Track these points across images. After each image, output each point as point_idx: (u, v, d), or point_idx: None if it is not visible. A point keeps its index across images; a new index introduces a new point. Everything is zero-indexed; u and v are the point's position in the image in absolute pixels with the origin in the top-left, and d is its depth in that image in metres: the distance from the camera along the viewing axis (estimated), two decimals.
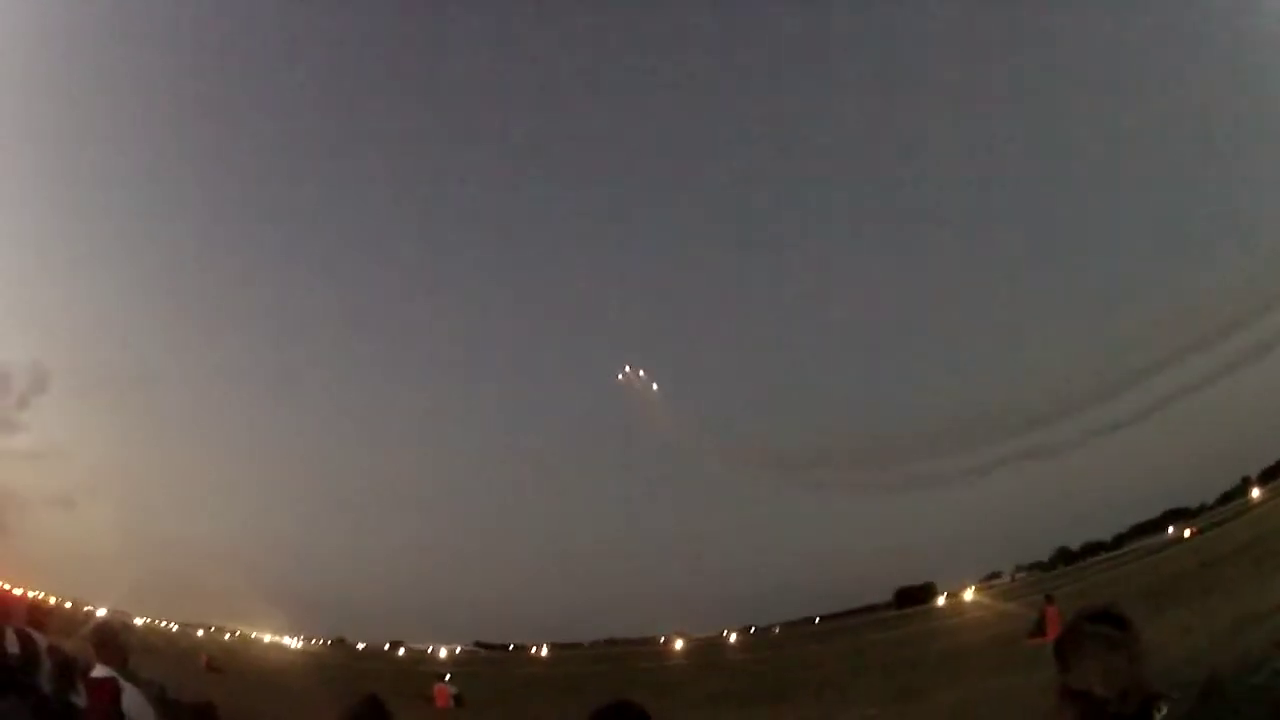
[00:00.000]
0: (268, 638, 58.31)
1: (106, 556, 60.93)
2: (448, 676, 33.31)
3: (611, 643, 64.27)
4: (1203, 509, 44.65)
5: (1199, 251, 59.05)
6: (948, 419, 64.92)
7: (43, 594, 40.02)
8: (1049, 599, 25.47)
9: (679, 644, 58.45)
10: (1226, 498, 43.23)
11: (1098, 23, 54.82)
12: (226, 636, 57.26)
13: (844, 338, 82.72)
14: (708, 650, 57.20)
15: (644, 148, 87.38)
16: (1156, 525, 46.70)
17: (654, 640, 60.54)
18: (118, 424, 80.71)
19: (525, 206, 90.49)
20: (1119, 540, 48.32)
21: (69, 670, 8.94)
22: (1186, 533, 42.77)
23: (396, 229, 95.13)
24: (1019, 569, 53.41)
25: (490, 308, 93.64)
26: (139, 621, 48.49)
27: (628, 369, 54.16)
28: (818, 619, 60.54)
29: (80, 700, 8.08)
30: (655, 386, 53.89)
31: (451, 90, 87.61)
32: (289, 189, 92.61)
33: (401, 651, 60.72)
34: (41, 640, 9.54)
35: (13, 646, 9.23)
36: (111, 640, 7.04)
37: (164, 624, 54.16)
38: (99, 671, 6.86)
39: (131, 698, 6.70)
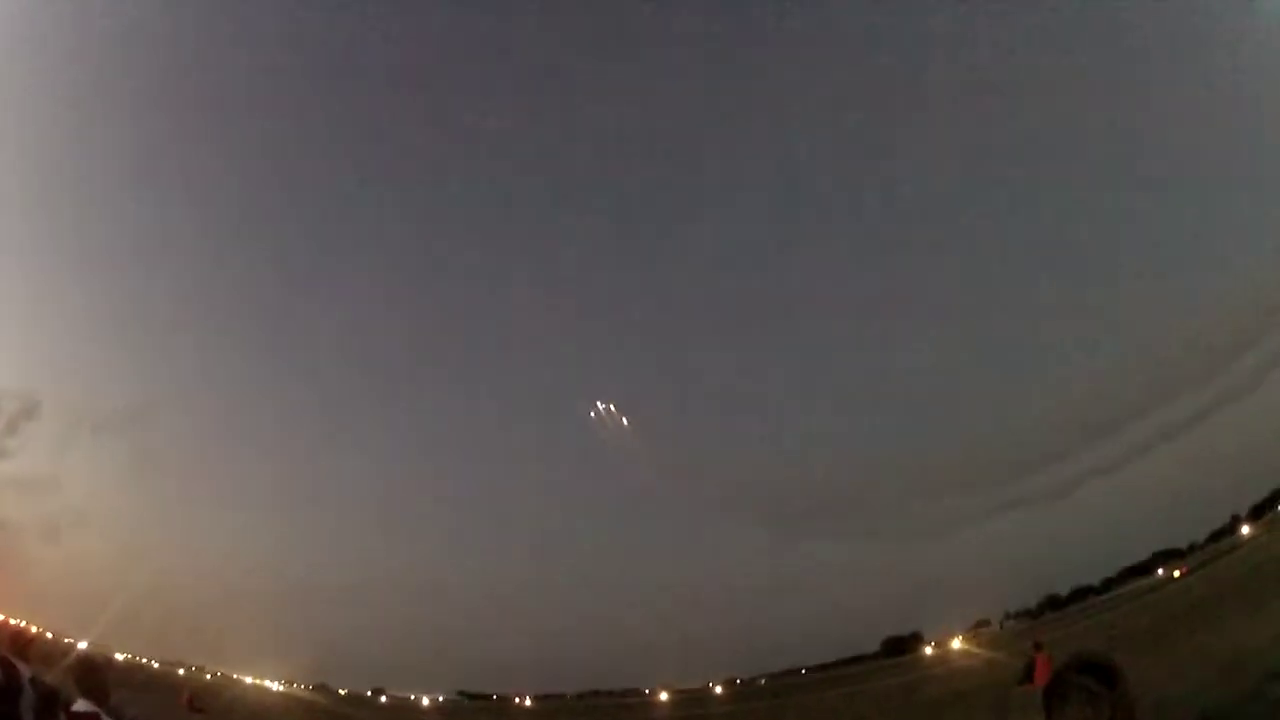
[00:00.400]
0: (250, 679, 57.35)
1: (91, 589, 60.82)
2: None
3: (596, 694, 62.94)
4: (1193, 548, 44.26)
5: (1178, 294, 59.67)
6: (932, 467, 64.30)
7: (25, 623, 40.76)
8: (1037, 646, 24.98)
9: (664, 695, 57.22)
10: (1216, 535, 42.93)
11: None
12: (209, 676, 56.13)
13: (828, 386, 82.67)
14: (693, 702, 56.45)
15: (634, 198, 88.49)
16: (1146, 567, 46.16)
17: (639, 692, 59.16)
18: (107, 457, 78.76)
19: (520, 270, 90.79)
20: (1108, 584, 47.68)
21: (51, 703, 8.83)
22: (1176, 573, 42.29)
23: (397, 275, 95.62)
24: (1007, 616, 52.24)
25: (476, 355, 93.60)
26: (121, 657, 47.86)
27: (602, 406, 53.72)
28: (804, 670, 58.84)
29: None
30: (627, 423, 53.12)
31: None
32: (290, 228, 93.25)
33: (384, 699, 59.71)
34: (25, 670, 9.24)
35: None
36: (94, 675, 7.11)
37: (147, 661, 53.35)
38: (81, 706, 6.86)
39: None
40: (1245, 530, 40.86)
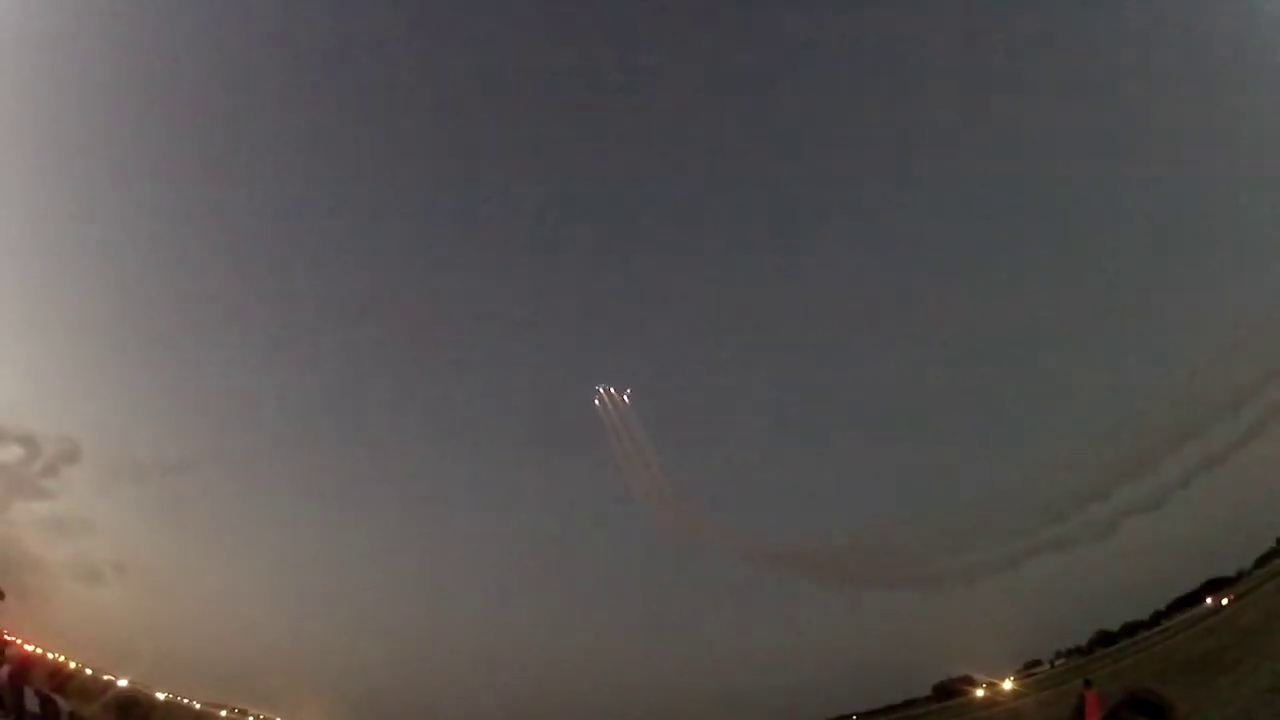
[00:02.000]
0: None
1: (130, 630, 63.16)
2: None
3: None
4: (1240, 575, 43.54)
5: (1207, 325, 59.48)
6: (977, 513, 64.01)
7: (64, 658, 40.92)
8: (1087, 684, 24.62)
9: None
10: (1262, 561, 42.16)
11: None
12: (249, 718, 57.93)
13: (872, 437, 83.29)
14: None
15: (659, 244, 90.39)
16: (1195, 597, 45.31)
17: None
18: (148, 505, 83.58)
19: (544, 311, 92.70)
20: (1157, 617, 46.77)
21: None
22: (1224, 601, 41.36)
23: (448, 351, 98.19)
24: (1058, 655, 51.66)
25: (510, 415, 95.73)
26: (161, 696, 49.33)
27: (602, 390, 53.52)
28: (854, 717, 58.70)
29: None
30: (627, 402, 52.76)
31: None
32: (336, 300, 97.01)
33: None
34: (63, 704, 9.82)
35: (33, 705, 9.32)
36: (133, 711, 7.08)
37: (186, 700, 54.83)
38: None
39: None
40: None
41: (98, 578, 70.51)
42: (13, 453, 66.57)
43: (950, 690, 54.34)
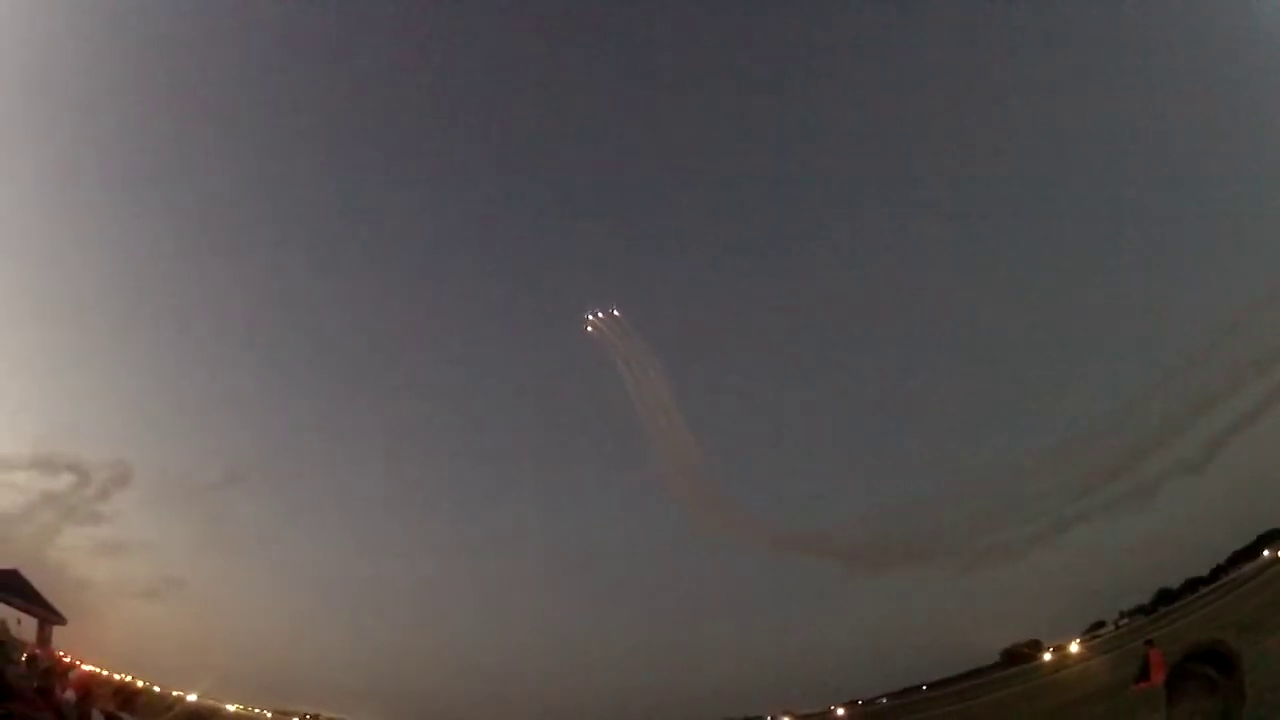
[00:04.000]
0: None
1: (195, 644, 64.65)
2: None
3: None
4: None
5: (1242, 278, 58.99)
6: (1021, 484, 64.75)
7: (130, 677, 43.00)
8: (1149, 643, 25.38)
9: None
10: None
11: None
12: None
13: (920, 413, 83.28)
14: None
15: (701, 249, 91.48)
16: (1252, 550, 45.59)
17: (761, 719, 60.93)
18: (200, 521, 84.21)
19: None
20: (1216, 572, 47.23)
21: None
22: None
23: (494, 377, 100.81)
24: (1122, 615, 52.26)
25: (554, 426, 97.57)
26: (231, 708, 52.17)
27: (591, 316, 54.15)
28: (924, 686, 60.02)
29: None
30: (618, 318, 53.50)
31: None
32: (382, 323, 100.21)
33: None
34: None
35: None
36: None
37: (258, 710, 57.01)
38: None
39: None
40: None
41: (156, 595, 71.69)
42: (63, 480, 67.55)
43: (1018, 655, 55.37)
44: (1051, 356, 71.32)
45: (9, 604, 37.63)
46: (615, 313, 53.66)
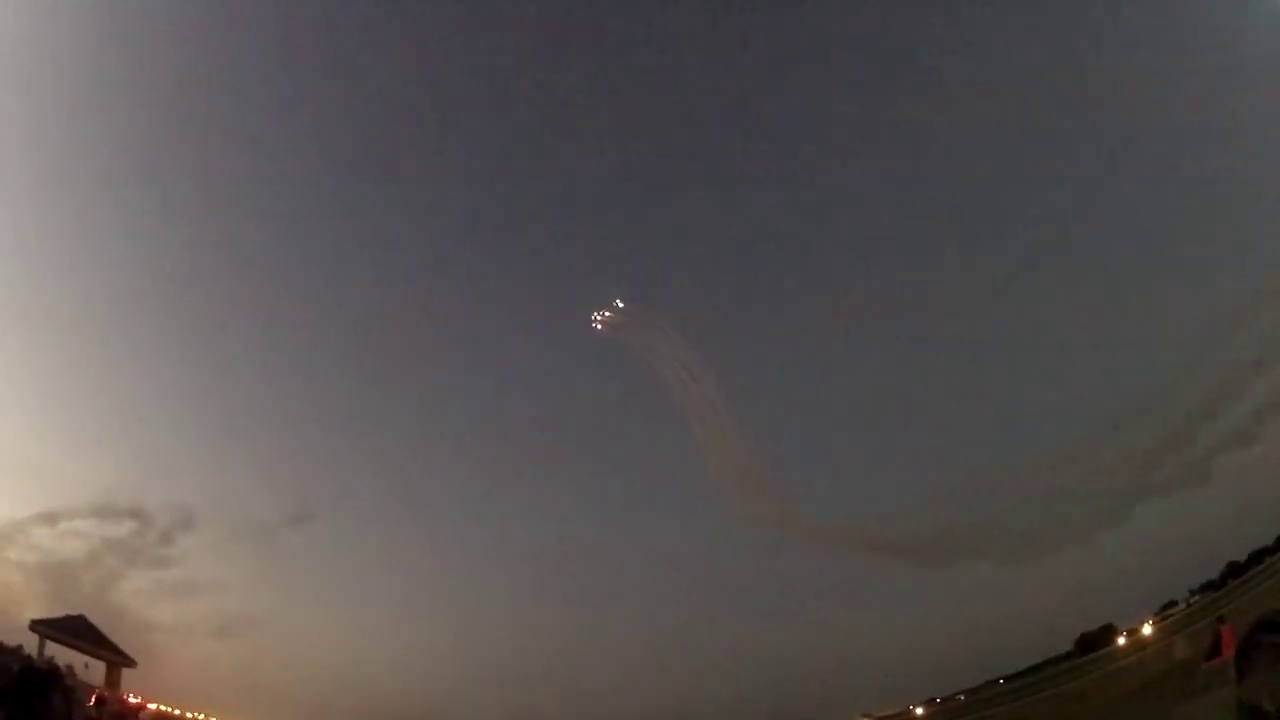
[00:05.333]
0: None
1: (266, 680, 67.83)
2: None
3: None
4: None
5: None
6: (1086, 468, 64.70)
7: (202, 716, 46.39)
8: (1220, 619, 25.52)
9: None
10: None
11: None
12: None
13: (965, 407, 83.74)
14: None
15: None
16: None
17: None
18: (267, 560, 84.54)
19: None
20: None
21: None
22: None
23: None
24: (1192, 593, 52.26)
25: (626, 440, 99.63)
26: None
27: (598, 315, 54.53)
28: (1001, 680, 60.15)
29: None
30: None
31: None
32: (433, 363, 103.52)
33: None
34: None
35: None
36: None
37: None
38: None
39: None
40: None
41: (226, 633, 73.99)
42: (125, 526, 70.12)
43: (1092, 642, 55.56)
44: (1087, 343, 71.41)
45: (76, 648, 38.91)
46: (619, 303, 54.48)
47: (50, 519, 65.40)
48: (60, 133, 79.51)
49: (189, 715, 46.01)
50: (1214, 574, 51.56)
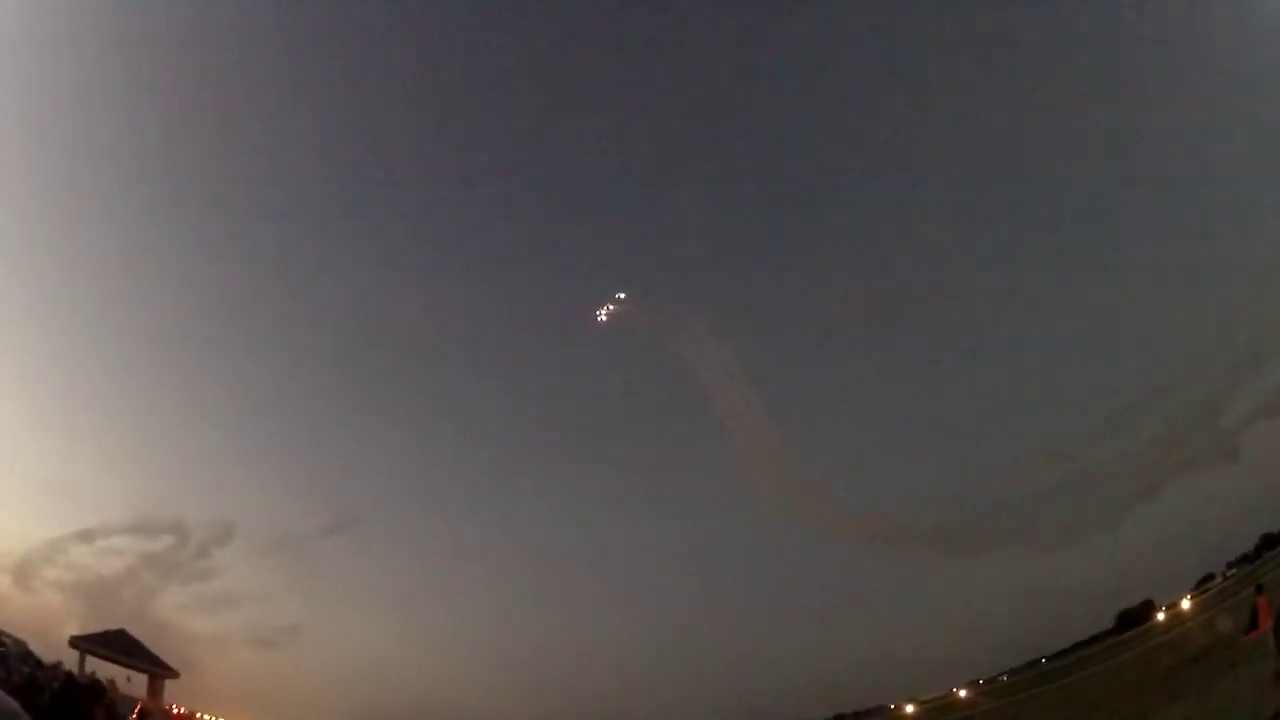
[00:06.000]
0: None
1: (312, 688, 67.70)
2: None
3: (840, 718, 66.73)
4: None
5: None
6: (1111, 449, 65.10)
7: None
8: (1259, 589, 26.11)
9: (910, 708, 60.09)
10: None
11: None
12: None
13: (986, 393, 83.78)
14: (939, 710, 58.49)
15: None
16: None
17: (884, 709, 63.18)
18: (307, 570, 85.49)
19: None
20: None
21: None
22: None
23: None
24: (1229, 565, 52.71)
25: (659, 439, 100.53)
26: None
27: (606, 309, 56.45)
28: (1043, 659, 61.11)
29: None
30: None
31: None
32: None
33: None
34: None
35: None
36: None
37: None
38: None
39: None
40: None
41: (268, 643, 73.89)
42: (163, 541, 70.80)
43: (1133, 618, 56.26)
44: (1109, 321, 71.41)
45: (117, 662, 38.68)
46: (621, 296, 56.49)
47: (87, 537, 66.34)
48: (94, 139, 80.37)
49: None
50: (1249, 547, 51.98)
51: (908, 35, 77.19)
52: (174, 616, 68.47)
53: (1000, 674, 61.81)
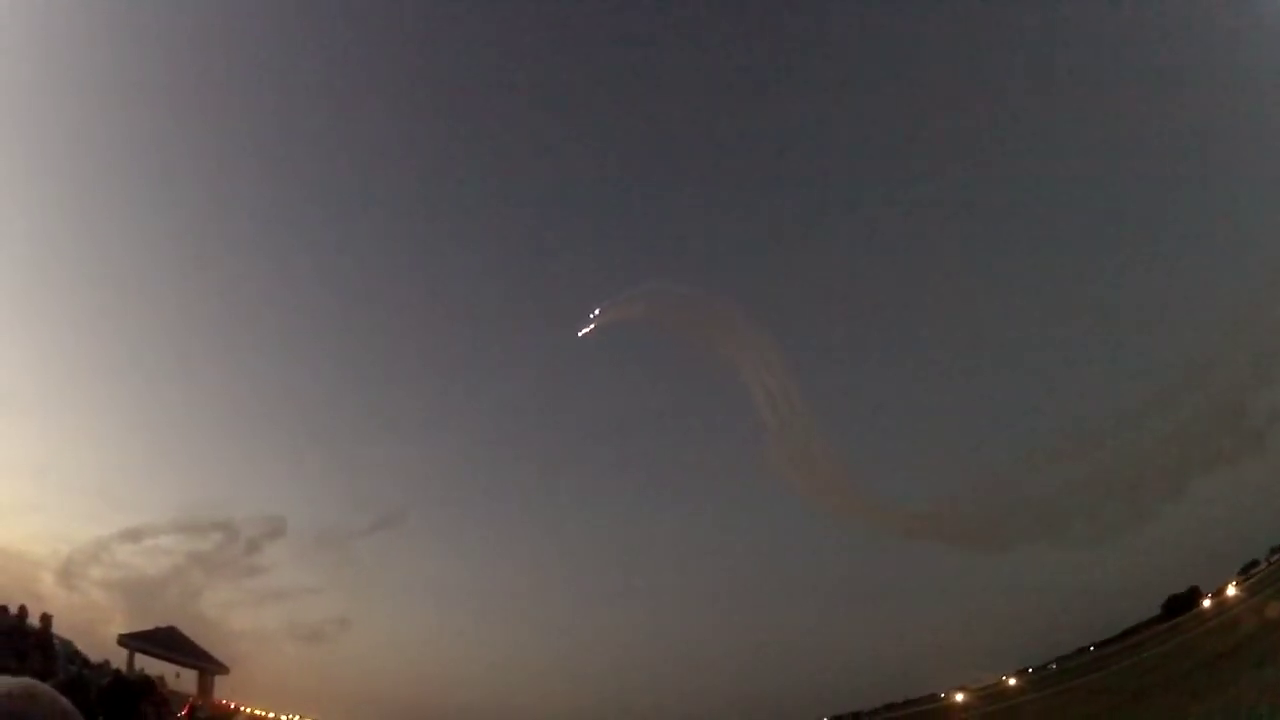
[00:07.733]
0: None
1: (366, 679, 71.67)
2: None
3: (890, 707, 67.89)
4: None
5: None
6: (1140, 443, 65.50)
7: (298, 718, 46.90)
8: None
9: (959, 696, 61.18)
10: None
11: None
12: None
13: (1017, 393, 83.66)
14: (990, 697, 59.03)
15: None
16: None
17: (934, 697, 64.69)
18: (357, 564, 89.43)
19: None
20: None
21: None
22: None
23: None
24: (1273, 550, 53.43)
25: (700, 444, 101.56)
26: None
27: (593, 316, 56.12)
28: (1091, 647, 62.13)
29: None
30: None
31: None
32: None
33: None
34: None
35: None
36: None
37: None
38: None
39: None
40: None
41: (317, 637, 77.47)
42: (211, 539, 73.24)
43: (1179, 605, 57.15)
44: (1128, 317, 71.76)
45: (166, 659, 38.14)
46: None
47: (134, 535, 67.76)
48: (131, 142, 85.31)
49: (283, 718, 46.94)
50: None
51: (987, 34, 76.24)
52: (221, 613, 70.92)
53: (1049, 662, 62.83)
